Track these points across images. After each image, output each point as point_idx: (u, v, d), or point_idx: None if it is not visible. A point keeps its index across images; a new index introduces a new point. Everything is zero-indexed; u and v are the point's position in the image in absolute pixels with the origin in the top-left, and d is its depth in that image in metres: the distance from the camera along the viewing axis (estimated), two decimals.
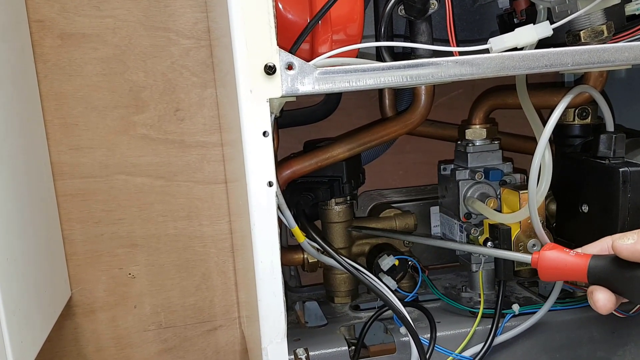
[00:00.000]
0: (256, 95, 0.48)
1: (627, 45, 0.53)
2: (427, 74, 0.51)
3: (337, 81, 0.50)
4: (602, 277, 0.44)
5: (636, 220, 0.56)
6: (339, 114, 0.85)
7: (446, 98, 0.91)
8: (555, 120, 0.55)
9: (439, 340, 0.64)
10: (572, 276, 0.46)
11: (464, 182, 0.68)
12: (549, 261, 0.46)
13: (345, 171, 0.69)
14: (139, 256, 0.85)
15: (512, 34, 0.54)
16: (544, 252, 0.46)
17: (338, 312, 0.73)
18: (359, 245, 0.75)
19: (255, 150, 0.49)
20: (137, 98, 0.81)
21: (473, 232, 0.67)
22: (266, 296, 0.51)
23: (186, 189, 0.83)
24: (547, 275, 0.47)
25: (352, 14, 0.56)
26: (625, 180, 0.55)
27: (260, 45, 0.47)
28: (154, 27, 0.80)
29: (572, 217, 0.63)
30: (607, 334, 0.67)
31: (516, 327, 0.64)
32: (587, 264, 0.44)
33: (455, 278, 0.79)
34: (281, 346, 0.52)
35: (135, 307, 0.86)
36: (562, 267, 0.45)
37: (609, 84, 0.75)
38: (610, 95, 0.81)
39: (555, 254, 0.46)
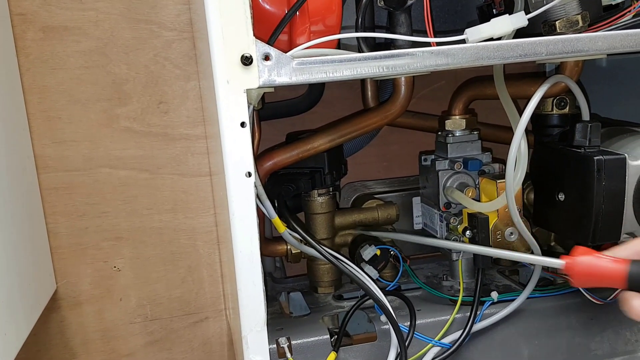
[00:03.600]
0: (233, 85, 0.48)
1: (600, 35, 0.54)
2: (403, 64, 0.51)
3: (314, 72, 0.50)
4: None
5: (611, 208, 0.57)
6: (322, 105, 0.85)
7: (429, 90, 0.92)
8: (531, 110, 0.55)
9: (420, 327, 0.65)
10: (608, 282, 0.44)
11: (443, 172, 0.69)
12: (583, 267, 0.44)
13: (327, 162, 0.70)
14: (124, 249, 0.85)
15: (488, 24, 0.54)
16: (578, 258, 0.44)
17: (321, 302, 0.73)
18: (342, 236, 0.76)
19: (233, 141, 0.49)
20: (120, 91, 0.81)
21: (452, 221, 0.68)
22: (246, 285, 0.52)
23: (171, 181, 0.83)
24: (581, 281, 0.45)
25: (330, 5, 0.56)
26: (600, 168, 0.56)
27: (237, 36, 0.47)
28: (136, 19, 0.80)
29: (549, 206, 0.64)
30: (585, 321, 0.68)
31: (495, 315, 0.65)
32: (625, 269, 0.42)
33: (437, 267, 0.80)
34: (261, 335, 0.53)
35: (121, 300, 0.87)
36: (597, 273, 0.43)
37: (591, 74, 0.76)
38: (593, 85, 0.82)
39: (589, 260, 0.44)
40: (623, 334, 0.69)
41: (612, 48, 0.54)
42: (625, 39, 0.54)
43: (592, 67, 0.88)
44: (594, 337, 0.68)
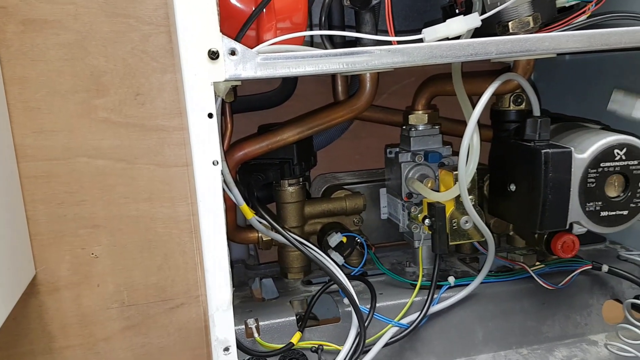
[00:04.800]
0: (200, 78, 0.51)
1: (547, 36, 0.57)
2: (362, 61, 0.55)
3: (278, 67, 0.53)
4: None
5: (557, 198, 0.61)
6: (296, 99, 0.89)
7: (399, 86, 0.96)
8: (482, 105, 0.59)
9: (382, 310, 0.68)
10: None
11: (405, 164, 0.72)
12: None
13: (296, 153, 0.73)
14: (102, 237, 0.87)
15: (443, 24, 0.58)
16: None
17: (290, 287, 0.77)
18: (312, 225, 0.79)
19: (200, 131, 0.52)
20: (98, 82, 0.83)
21: (413, 210, 0.71)
22: (212, 267, 0.55)
23: (147, 171, 0.86)
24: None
25: (296, 3, 0.60)
26: (547, 160, 0.60)
27: (204, 32, 0.51)
28: (115, 13, 0.82)
29: (501, 196, 0.68)
30: (538, 305, 0.72)
31: (451, 298, 0.69)
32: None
33: (402, 255, 0.84)
34: (227, 314, 0.56)
35: (99, 286, 0.89)
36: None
37: (556, 71, 0.80)
38: (567, 82, 0.86)
39: None
40: (573, 317, 0.73)
41: (559, 48, 0.58)
42: (571, 39, 0.58)
43: (557, 65, 0.92)
44: (546, 320, 0.72)
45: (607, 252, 0.80)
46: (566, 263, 0.72)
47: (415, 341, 0.70)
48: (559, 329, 0.73)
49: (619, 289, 0.74)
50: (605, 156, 0.61)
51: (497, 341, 0.71)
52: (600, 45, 0.58)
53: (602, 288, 0.74)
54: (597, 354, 0.70)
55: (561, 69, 0.90)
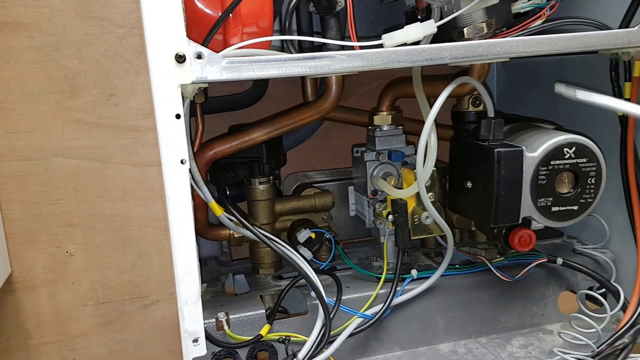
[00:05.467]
0: (168, 81, 0.54)
1: (498, 41, 0.61)
2: (323, 65, 0.58)
3: (243, 70, 0.56)
4: None
5: (509, 194, 0.65)
6: (267, 100, 0.91)
7: (369, 87, 0.99)
8: (437, 107, 0.63)
9: (349, 302, 0.71)
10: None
11: (370, 163, 0.75)
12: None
13: (265, 152, 0.76)
14: (76, 235, 0.89)
15: (402, 31, 0.61)
16: None
17: (261, 282, 0.79)
18: (282, 222, 0.82)
19: (168, 131, 0.55)
20: (72, 84, 0.85)
21: (378, 207, 0.74)
22: (181, 262, 0.57)
23: (121, 171, 0.88)
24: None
25: (262, 8, 0.62)
26: (500, 159, 0.64)
27: (171, 37, 0.53)
28: (88, 16, 0.84)
29: (459, 193, 0.72)
30: (496, 296, 0.76)
31: (413, 290, 0.72)
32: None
33: (370, 250, 0.87)
34: (196, 307, 0.59)
35: (74, 284, 0.91)
36: None
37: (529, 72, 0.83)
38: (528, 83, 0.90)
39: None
40: (530, 308, 0.77)
41: (510, 53, 0.61)
42: (521, 45, 0.61)
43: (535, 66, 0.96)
44: (504, 311, 0.76)
45: (564, 246, 0.84)
46: (524, 256, 0.76)
47: (380, 332, 0.73)
48: (516, 319, 0.76)
49: (573, 280, 0.78)
50: (555, 154, 0.65)
51: (457, 331, 0.74)
52: (550, 50, 0.62)
53: (558, 280, 0.78)
54: (552, 343, 0.74)
55: (533, 70, 0.94)
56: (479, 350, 0.73)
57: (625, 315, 0.71)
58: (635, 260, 0.72)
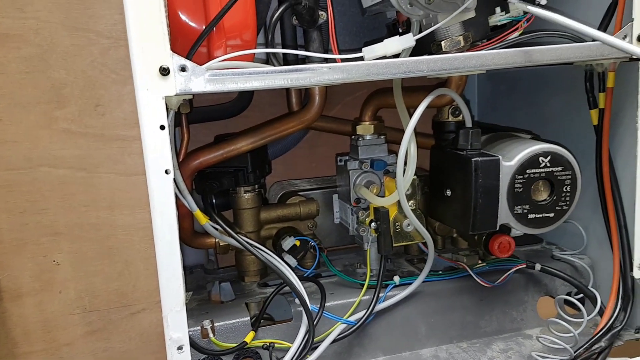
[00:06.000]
0: (152, 93, 0.55)
1: (474, 54, 0.63)
2: (305, 77, 0.59)
3: (227, 82, 0.57)
4: None
5: (487, 202, 0.67)
6: (254, 109, 0.93)
7: (352, 97, 1.01)
8: (416, 117, 0.64)
9: (333, 309, 0.72)
10: None
11: (353, 172, 0.77)
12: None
13: (250, 162, 0.77)
14: (63, 244, 0.90)
15: (381, 44, 0.63)
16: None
17: (247, 290, 0.80)
18: (267, 229, 0.83)
19: (153, 142, 0.56)
20: (59, 94, 0.86)
21: (361, 214, 0.76)
22: (166, 270, 0.58)
23: (107, 180, 0.89)
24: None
25: (245, 22, 0.64)
26: (477, 168, 0.66)
27: (155, 51, 0.54)
28: (75, 27, 0.85)
29: (439, 200, 0.73)
30: (476, 301, 0.77)
31: (396, 296, 0.73)
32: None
33: (355, 257, 0.89)
34: (180, 314, 0.59)
35: (61, 292, 0.91)
36: None
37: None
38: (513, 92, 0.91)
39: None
40: (510, 313, 0.79)
41: (485, 65, 0.63)
42: (496, 57, 0.63)
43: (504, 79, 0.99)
44: (484, 316, 0.78)
45: (543, 252, 0.86)
46: (504, 262, 0.78)
47: (363, 337, 0.74)
48: (496, 324, 0.78)
49: (552, 286, 0.80)
50: (531, 163, 0.67)
51: (439, 336, 0.76)
52: (524, 62, 0.64)
53: (537, 285, 0.80)
54: (531, 347, 0.75)
55: (514, 79, 0.96)
56: (460, 354, 0.74)
57: (602, 319, 0.73)
58: (612, 265, 0.74)
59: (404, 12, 0.65)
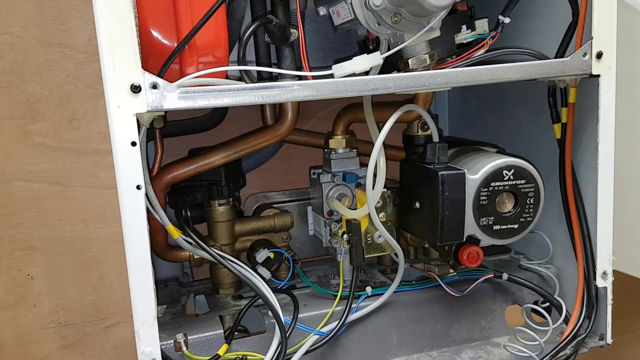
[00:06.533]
0: (124, 110, 0.56)
1: (439, 72, 0.65)
2: (275, 94, 0.61)
3: (198, 99, 0.59)
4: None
5: (453, 214, 0.69)
6: (230, 123, 0.94)
7: (327, 110, 1.02)
8: (385, 133, 0.66)
9: (306, 320, 0.73)
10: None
11: (326, 184, 0.79)
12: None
13: (224, 175, 0.78)
14: (37, 258, 0.89)
15: (350, 62, 0.64)
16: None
17: (221, 302, 0.81)
18: (242, 242, 0.84)
19: (124, 158, 0.57)
20: (33, 109, 0.86)
21: (334, 227, 0.77)
22: (137, 285, 0.59)
23: (82, 194, 0.89)
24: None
25: (217, 39, 0.65)
26: (444, 181, 0.68)
27: (127, 69, 0.56)
28: (50, 43, 0.86)
29: (409, 212, 0.75)
30: (446, 311, 0.79)
31: (368, 306, 0.75)
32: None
33: (329, 268, 0.90)
34: (152, 328, 0.60)
35: (35, 306, 0.91)
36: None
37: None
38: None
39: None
40: (479, 322, 0.81)
41: (450, 83, 0.66)
42: (460, 75, 0.66)
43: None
44: (454, 324, 0.79)
45: (511, 261, 0.89)
46: (473, 272, 0.80)
47: (336, 348, 0.75)
48: (466, 333, 0.80)
49: (519, 295, 0.82)
50: (495, 177, 0.69)
51: (410, 345, 0.77)
52: (487, 80, 0.66)
53: (505, 295, 0.82)
54: (499, 355, 0.77)
55: (484, 94, 0.98)
56: None
57: (567, 327, 0.75)
58: (577, 274, 0.77)
59: (372, 31, 0.67)
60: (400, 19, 0.64)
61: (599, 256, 0.74)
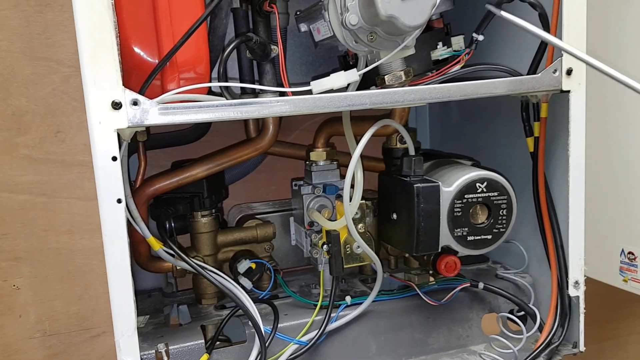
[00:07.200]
0: (105, 126, 0.58)
1: (413, 89, 0.67)
2: (254, 110, 0.63)
3: (178, 115, 0.60)
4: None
5: (428, 226, 0.71)
6: (213, 135, 0.95)
7: (311, 122, 1.04)
8: (361, 146, 0.68)
9: (287, 330, 0.75)
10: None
11: (307, 196, 0.80)
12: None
13: (206, 188, 0.80)
14: (23, 269, 0.91)
15: (328, 78, 0.67)
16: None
17: (203, 312, 0.82)
18: (225, 253, 0.86)
19: (105, 172, 0.58)
20: (20, 122, 0.87)
21: (314, 237, 0.79)
22: (117, 296, 0.61)
23: (67, 205, 0.90)
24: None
25: (198, 56, 0.67)
26: (419, 193, 0.70)
27: (108, 86, 0.57)
28: (36, 57, 0.87)
29: (386, 224, 0.77)
30: (424, 319, 0.81)
31: (347, 315, 0.76)
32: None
33: (312, 278, 0.92)
34: (132, 339, 0.62)
35: (21, 317, 0.92)
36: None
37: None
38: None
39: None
40: (456, 330, 0.82)
41: (423, 99, 0.68)
42: (433, 92, 0.68)
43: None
44: (431, 333, 0.81)
45: (489, 271, 0.91)
46: (451, 281, 0.82)
47: (316, 357, 0.77)
48: (443, 341, 0.82)
49: (495, 304, 0.84)
50: (469, 189, 0.71)
51: (388, 353, 0.79)
52: (459, 96, 0.69)
53: (481, 303, 0.84)
54: None
55: (463, 108, 1.01)
56: None
57: (541, 335, 0.77)
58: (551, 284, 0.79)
59: (350, 48, 0.69)
60: (376, 38, 0.66)
61: (571, 266, 0.77)
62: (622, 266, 0.98)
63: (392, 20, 0.61)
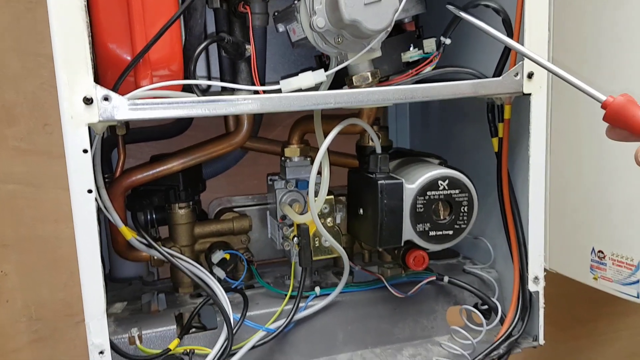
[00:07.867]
0: (76, 120, 0.61)
1: (376, 90, 0.70)
2: (222, 107, 0.66)
3: (147, 111, 0.64)
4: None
5: (391, 221, 0.74)
6: (195, 129, 0.98)
7: (292, 120, 1.07)
8: (327, 144, 0.71)
9: (258, 318, 0.78)
10: (631, 127, 0.48)
11: (279, 190, 0.83)
12: (617, 106, 0.48)
13: (182, 180, 0.83)
14: (11, 255, 0.95)
15: (297, 78, 0.69)
16: (618, 97, 0.49)
17: (179, 300, 0.86)
18: (201, 244, 0.89)
19: (76, 164, 0.62)
20: (9, 114, 0.91)
21: (286, 230, 0.82)
22: (88, 282, 0.64)
23: (54, 195, 0.94)
24: (612, 118, 0.49)
25: (172, 54, 0.70)
26: (382, 190, 0.73)
27: (80, 82, 0.61)
28: (25, 52, 0.91)
29: (354, 218, 0.80)
30: (390, 311, 0.84)
31: (315, 305, 0.80)
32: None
33: (287, 269, 0.94)
34: (102, 322, 0.65)
35: (8, 302, 0.96)
36: (626, 115, 0.48)
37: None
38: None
39: (626, 103, 0.48)
40: (421, 321, 0.85)
41: (387, 100, 0.70)
42: (396, 93, 0.70)
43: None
44: (397, 324, 0.84)
45: (457, 265, 0.94)
46: (419, 274, 0.85)
47: (284, 344, 0.80)
48: (409, 332, 0.85)
49: (460, 297, 0.87)
50: (431, 186, 0.74)
51: (355, 342, 0.82)
52: (423, 98, 0.71)
53: (447, 296, 0.86)
54: (438, 353, 0.82)
55: (443, 110, 1.04)
56: (373, 359, 0.80)
57: (502, 328, 0.80)
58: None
59: (320, 49, 0.72)
60: (343, 40, 0.69)
61: (531, 262, 0.79)
62: (592, 264, 1.00)
63: (356, 24, 0.64)
